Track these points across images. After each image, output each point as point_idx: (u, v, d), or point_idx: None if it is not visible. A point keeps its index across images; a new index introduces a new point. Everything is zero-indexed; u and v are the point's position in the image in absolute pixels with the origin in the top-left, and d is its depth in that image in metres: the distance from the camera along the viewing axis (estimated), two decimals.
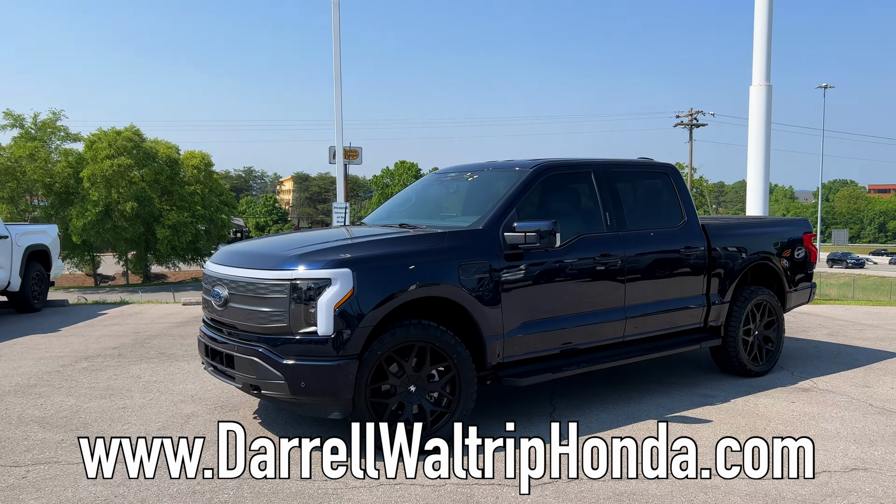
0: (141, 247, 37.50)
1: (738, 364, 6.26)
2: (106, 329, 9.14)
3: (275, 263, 4.42)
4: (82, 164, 35.44)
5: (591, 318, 5.29)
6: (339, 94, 16.48)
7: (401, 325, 4.40)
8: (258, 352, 4.33)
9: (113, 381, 6.28)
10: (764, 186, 13.88)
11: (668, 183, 6.05)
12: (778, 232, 6.84)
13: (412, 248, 4.66)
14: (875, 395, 5.85)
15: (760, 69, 13.65)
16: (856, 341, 8.26)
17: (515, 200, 5.08)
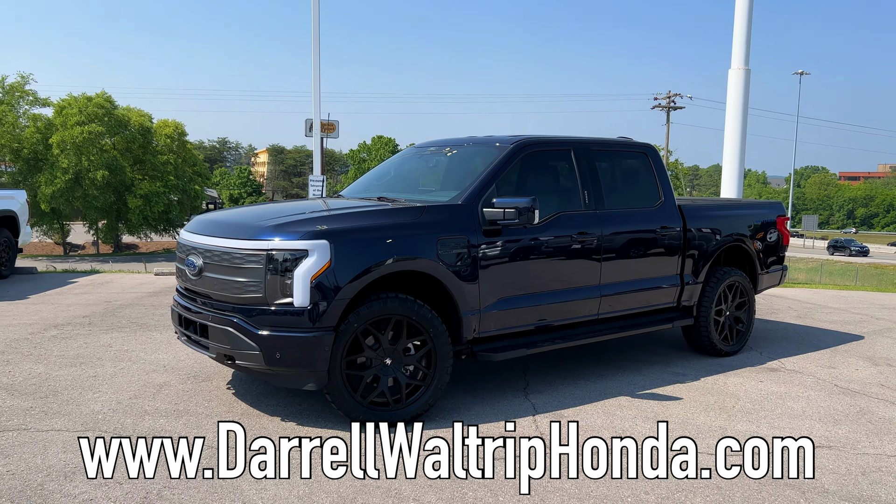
0: (112, 216, 36.86)
1: (708, 344, 6.36)
2: (76, 298, 9.00)
3: (251, 233, 4.37)
4: (51, 130, 34.62)
5: (567, 296, 5.32)
6: (317, 65, 16.24)
7: (378, 298, 4.39)
8: (233, 322, 4.29)
9: (83, 349, 6.19)
10: (739, 169, 14.02)
11: (647, 163, 6.07)
12: (752, 214, 6.92)
13: (390, 221, 4.64)
14: (840, 376, 5.99)
15: (740, 52, 13.73)
16: (823, 324, 8.43)
17: (495, 176, 5.06)
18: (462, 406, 4.88)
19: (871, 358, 6.67)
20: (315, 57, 16.22)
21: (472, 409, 4.82)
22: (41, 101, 36.89)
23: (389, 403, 4.44)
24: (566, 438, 3.59)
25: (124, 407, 4.66)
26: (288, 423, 4.44)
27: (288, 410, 4.69)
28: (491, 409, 4.84)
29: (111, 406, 4.67)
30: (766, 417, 4.82)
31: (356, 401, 4.35)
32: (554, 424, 4.52)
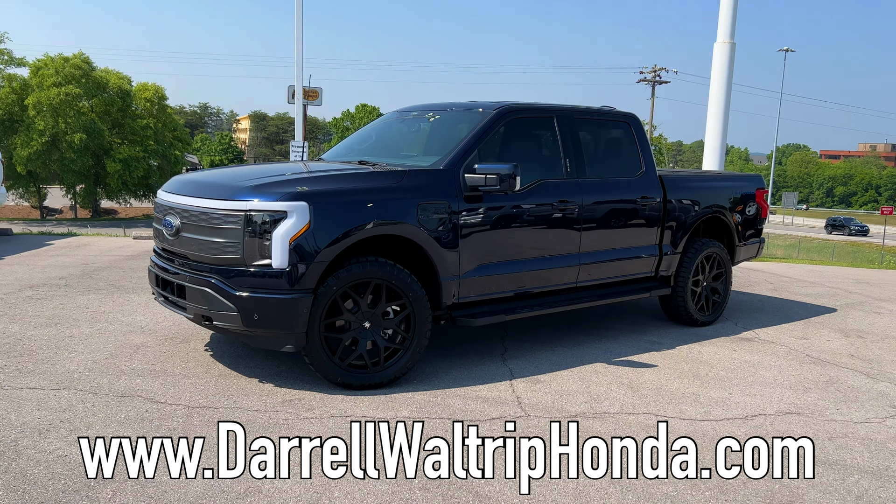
0: (90, 180, 36.33)
1: (685, 313, 6.43)
2: (52, 259, 8.89)
3: (229, 193, 4.33)
4: (27, 91, 33.88)
5: (546, 263, 5.34)
6: (299, 31, 16.00)
7: (357, 261, 4.38)
8: (211, 283, 4.27)
9: (59, 310, 6.14)
10: (721, 142, 14.07)
11: (629, 132, 6.07)
12: (732, 187, 6.96)
13: (371, 184, 4.61)
14: (812, 346, 6.10)
15: (725, 26, 13.69)
16: (797, 297, 8.55)
17: (477, 142, 5.03)
18: (440, 370, 4.91)
19: (842, 330, 6.79)
20: (298, 23, 15.97)
21: (450, 374, 4.85)
22: (16, 61, 36.01)
23: (367, 366, 4.47)
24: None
25: (100, 367, 4.63)
26: (266, 384, 4.46)
27: (266, 372, 4.69)
28: (468, 373, 4.88)
29: (87, 366, 4.64)
30: (738, 385, 4.91)
31: (334, 363, 4.37)
32: (527, 388, 4.59)
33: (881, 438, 4.08)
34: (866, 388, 5.01)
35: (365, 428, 3.76)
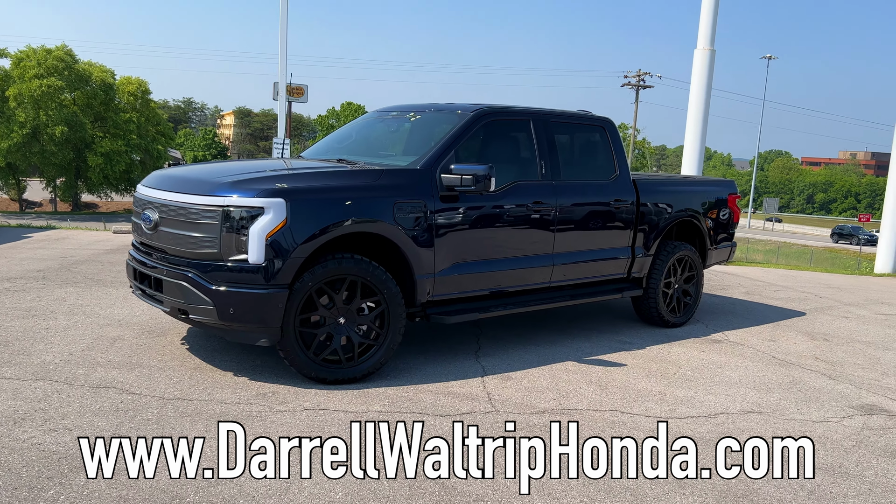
0: (71, 174, 36.02)
1: (656, 315, 6.57)
2: (30, 252, 8.87)
3: (207, 189, 4.39)
4: (8, 83, 33.54)
5: (520, 263, 5.45)
6: (284, 27, 16.02)
7: (333, 258, 4.46)
8: (188, 277, 4.33)
9: (37, 302, 6.16)
10: (700, 146, 14.29)
11: (605, 136, 6.20)
12: (705, 191, 7.11)
13: (348, 182, 4.69)
14: (778, 348, 6.25)
15: (706, 33, 13.92)
16: (769, 300, 8.74)
17: (454, 143, 5.13)
18: (414, 367, 5.00)
19: (809, 333, 6.97)
20: (283, 19, 15.99)
21: (424, 370, 4.94)
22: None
23: (342, 361, 4.55)
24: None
25: (76, 358, 4.68)
26: (241, 377, 4.52)
27: (241, 366, 4.76)
28: (442, 369, 4.97)
29: (63, 357, 4.68)
30: (703, 384, 5.04)
31: (309, 358, 4.44)
32: (499, 384, 4.69)
33: (837, 437, 4.22)
34: (827, 389, 5.16)
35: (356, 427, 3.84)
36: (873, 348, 6.51)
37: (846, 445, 4.10)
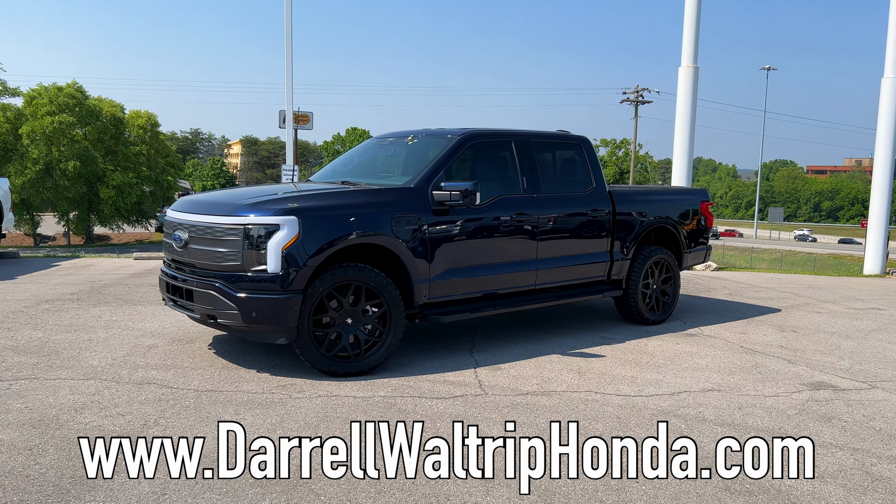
0: (83, 207, 37.01)
1: (636, 313, 7.20)
2: (62, 278, 9.60)
3: (230, 210, 5.09)
4: (21, 121, 34.66)
5: (507, 268, 6.11)
6: (289, 56, 16.85)
7: (340, 266, 5.13)
8: (215, 286, 5.01)
9: (76, 319, 6.85)
10: (688, 159, 14.94)
11: (581, 153, 6.88)
12: (678, 200, 7.77)
13: (351, 201, 5.38)
14: (748, 339, 6.87)
15: (689, 51, 14.63)
16: (749, 300, 9.34)
17: (444, 163, 5.82)
18: (415, 361, 5.65)
19: (780, 326, 7.57)
20: (287, 49, 16.82)
21: (423, 364, 5.59)
22: (10, 91, 36.83)
23: (350, 356, 5.20)
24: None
25: (119, 362, 5.36)
26: (263, 373, 5.18)
27: (263, 364, 5.42)
28: (439, 363, 5.62)
29: (108, 361, 5.36)
30: (672, 370, 5.66)
31: (321, 354, 5.10)
32: (489, 374, 5.33)
33: (782, 407, 4.83)
34: (784, 370, 5.78)
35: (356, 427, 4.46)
36: (836, 337, 7.11)
37: (789, 413, 4.71)
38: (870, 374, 5.75)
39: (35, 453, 3.66)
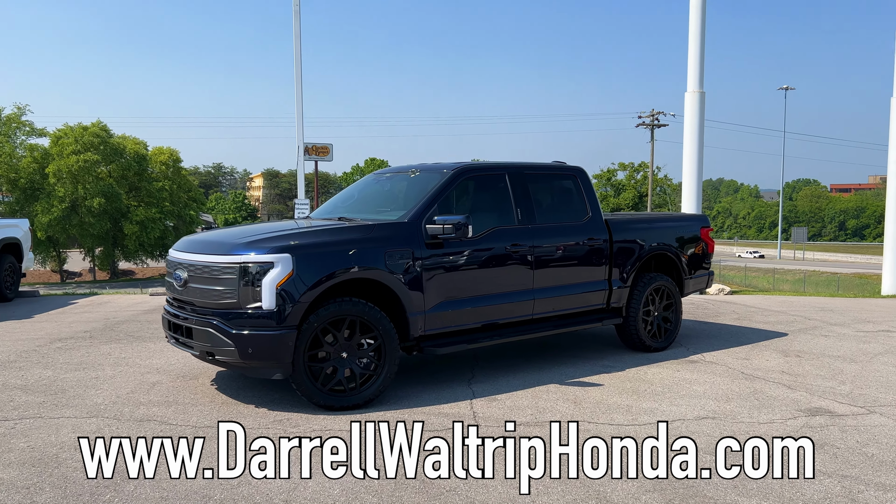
0: (108, 242, 37.77)
1: (638, 341, 7.21)
2: (77, 316, 9.83)
3: (227, 249, 5.24)
4: (48, 160, 35.62)
5: (503, 299, 6.18)
6: (299, 94, 17.24)
7: (335, 301, 5.25)
8: (213, 324, 5.14)
9: (85, 357, 7.03)
10: (697, 183, 14.97)
11: (577, 183, 6.97)
12: (677, 226, 7.81)
13: (345, 237, 5.51)
14: (750, 365, 6.84)
15: (694, 77, 14.73)
16: (757, 324, 9.29)
17: (437, 197, 5.95)
18: (412, 393, 5.72)
19: (784, 351, 7.53)
20: (297, 86, 17.21)
21: (420, 396, 5.66)
22: (38, 132, 37.96)
23: (346, 390, 5.29)
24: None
25: (122, 399, 5.49)
26: (261, 409, 5.28)
27: (261, 400, 5.52)
28: (436, 395, 5.68)
29: (111, 399, 5.51)
30: (669, 398, 5.67)
31: (317, 388, 5.20)
32: (485, 405, 5.38)
33: (776, 434, 4.81)
34: (782, 396, 5.75)
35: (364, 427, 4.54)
36: (840, 361, 7.06)
37: (779, 439, 4.69)
38: (869, 398, 5.71)
39: (32, 492, 3.78)
